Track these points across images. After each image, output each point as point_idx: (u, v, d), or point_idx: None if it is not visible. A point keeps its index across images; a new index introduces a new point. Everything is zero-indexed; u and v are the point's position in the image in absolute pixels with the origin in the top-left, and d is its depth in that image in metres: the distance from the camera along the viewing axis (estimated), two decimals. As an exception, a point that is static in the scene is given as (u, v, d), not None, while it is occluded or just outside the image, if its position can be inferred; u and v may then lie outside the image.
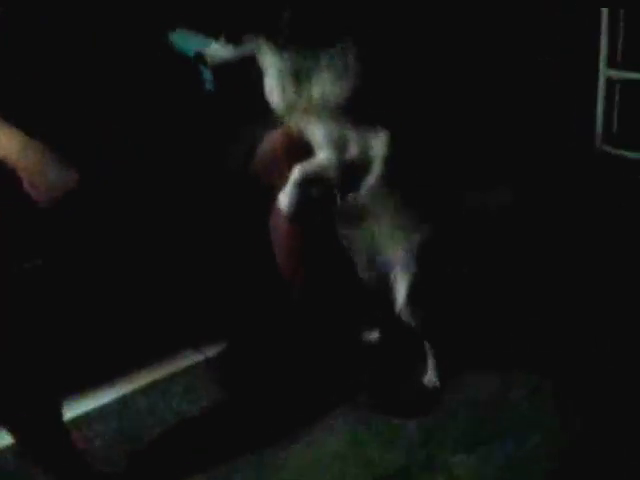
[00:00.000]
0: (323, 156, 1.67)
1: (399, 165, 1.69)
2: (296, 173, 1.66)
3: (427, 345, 1.94)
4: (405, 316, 1.84)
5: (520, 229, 2.45)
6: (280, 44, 1.60)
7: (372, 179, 1.69)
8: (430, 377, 1.95)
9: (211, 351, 2.08)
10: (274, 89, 1.65)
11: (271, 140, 1.76)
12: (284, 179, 1.68)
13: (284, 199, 1.68)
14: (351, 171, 1.68)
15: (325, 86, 1.60)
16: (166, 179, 1.84)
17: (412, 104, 1.79)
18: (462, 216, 2.03)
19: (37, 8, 1.68)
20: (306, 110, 1.63)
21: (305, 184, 1.67)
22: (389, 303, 1.83)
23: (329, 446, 1.75)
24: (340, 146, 1.65)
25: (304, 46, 1.60)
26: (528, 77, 2.64)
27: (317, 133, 1.66)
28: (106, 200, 1.80)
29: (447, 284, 1.88)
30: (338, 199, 1.71)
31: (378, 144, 1.66)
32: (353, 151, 1.66)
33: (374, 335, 2.07)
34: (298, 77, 1.61)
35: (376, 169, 1.68)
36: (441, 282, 1.85)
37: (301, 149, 1.68)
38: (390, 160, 1.68)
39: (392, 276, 1.80)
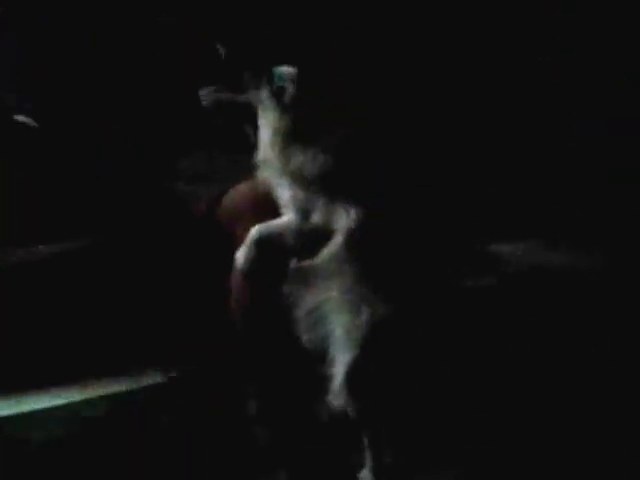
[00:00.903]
0: (286, 219, 1.63)
1: (364, 243, 1.59)
2: (254, 234, 1.64)
3: (365, 437, 1.67)
4: (338, 400, 1.61)
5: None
6: (282, 102, 1.59)
7: (331, 249, 1.60)
8: (365, 474, 1.69)
9: (175, 374, 1.98)
10: (264, 143, 1.63)
11: (239, 192, 1.75)
12: (245, 233, 1.66)
13: (240, 256, 1.65)
14: (311, 238, 1.61)
15: (306, 157, 1.58)
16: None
17: (392, 191, 1.65)
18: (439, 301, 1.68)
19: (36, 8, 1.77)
20: (282, 173, 1.61)
21: (262, 245, 1.63)
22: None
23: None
24: (304, 212, 1.61)
25: (303, 111, 1.58)
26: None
27: (285, 195, 1.63)
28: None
29: (402, 374, 1.62)
30: (293, 262, 1.65)
31: (343, 219, 1.58)
32: (316, 219, 1.60)
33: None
34: (287, 140, 1.59)
35: (336, 241, 1.59)
36: (393, 371, 1.61)
37: (266, 207, 1.67)
38: (354, 236, 1.58)
39: (331, 350, 1.61)
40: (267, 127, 1.61)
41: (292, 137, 1.58)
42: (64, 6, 1.80)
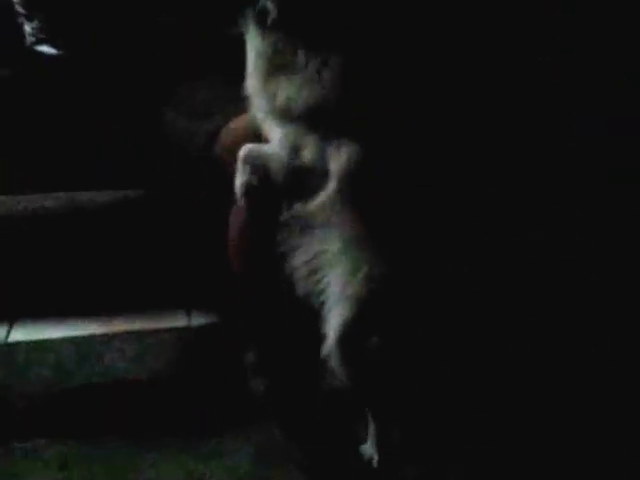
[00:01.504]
0: (275, 146, 1.44)
1: (364, 185, 1.39)
2: (243, 151, 1.46)
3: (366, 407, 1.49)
4: (333, 364, 1.43)
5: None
6: (265, 26, 1.42)
7: (325, 193, 1.41)
8: (368, 447, 1.52)
9: (199, 320, 1.90)
10: (249, 73, 1.47)
11: (236, 126, 1.59)
12: None
13: (237, 180, 1.48)
14: (301, 178, 1.42)
15: (292, 89, 1.40)
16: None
17: (392, 121, 1.42)
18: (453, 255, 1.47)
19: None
20: (269, 109, 1.44)
21: (253, 163, 1.46)
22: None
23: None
24: (294, 148, 1.42)
25: (287, 36, 1.40)
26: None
27: (276, 135, 1.44)
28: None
29: (398, 340, 1.42)
30: (285, 207, 1.45)
31: (337, 159, 1.39)
32: (307, 157, 1.41)
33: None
34: (271, 66, 1.42)
35: (331, 184, 1.40)
36: (389, 336, 1.41)
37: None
38: (352, 178, 1.39)
39: (327, 304, 1.43)
40: (251, 53, 1.45)
41: (276, 63, 1.41)
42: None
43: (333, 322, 1.42)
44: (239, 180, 1.46)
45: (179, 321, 1.91)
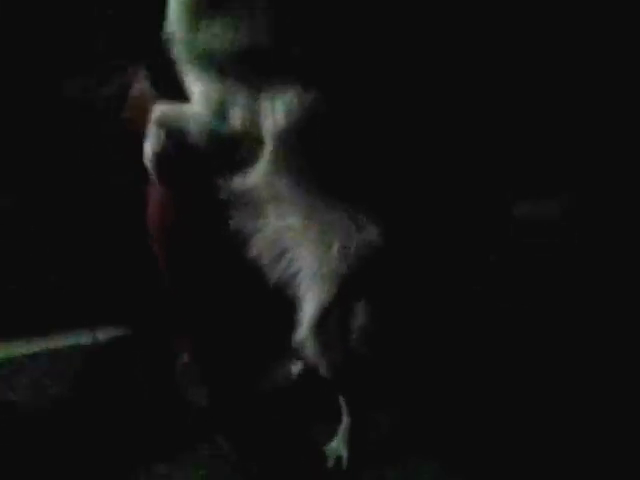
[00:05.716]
0: (196, 108, 1.21)
1: (308, 144, 1.20)
2: (157, 113, 1.24)
3: (340, 400, 1.40)
4: (307, 351, 1.31)
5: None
6: None
7: (265, 157, 1.20)
8: (336, 445, 1.42)
9: (104, 335, 1.69)
10: (170, 16, 1.21)
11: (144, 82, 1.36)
12: None
13: (146, 147, 1.25)
14: (234, 144, 1.20)
15: (216, 30, 1.16)
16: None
17: (340, 73, 1.22)
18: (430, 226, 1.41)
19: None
20: (189, 55, 1.20)
21: (169, 127, 1.22)
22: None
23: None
24: (219, 107, 1.19)
25: None
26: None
27: (196, 89, 1.21)
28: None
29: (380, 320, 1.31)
30: (221, 180, 1.24)
31: (271, 116, 1.18)
32: (236, 118, 1.18)
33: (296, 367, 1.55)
34: (196, 9, 1.17)
35: (270, 144, 1.19)
36: (370, 316, 1.30)
37: None
38: (290, 136, 1.18)
39: (298, 287, 1.29)
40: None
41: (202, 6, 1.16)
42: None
43: (308, 306, 1.28)
44: (150, 148, 1.23)
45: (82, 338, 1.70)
